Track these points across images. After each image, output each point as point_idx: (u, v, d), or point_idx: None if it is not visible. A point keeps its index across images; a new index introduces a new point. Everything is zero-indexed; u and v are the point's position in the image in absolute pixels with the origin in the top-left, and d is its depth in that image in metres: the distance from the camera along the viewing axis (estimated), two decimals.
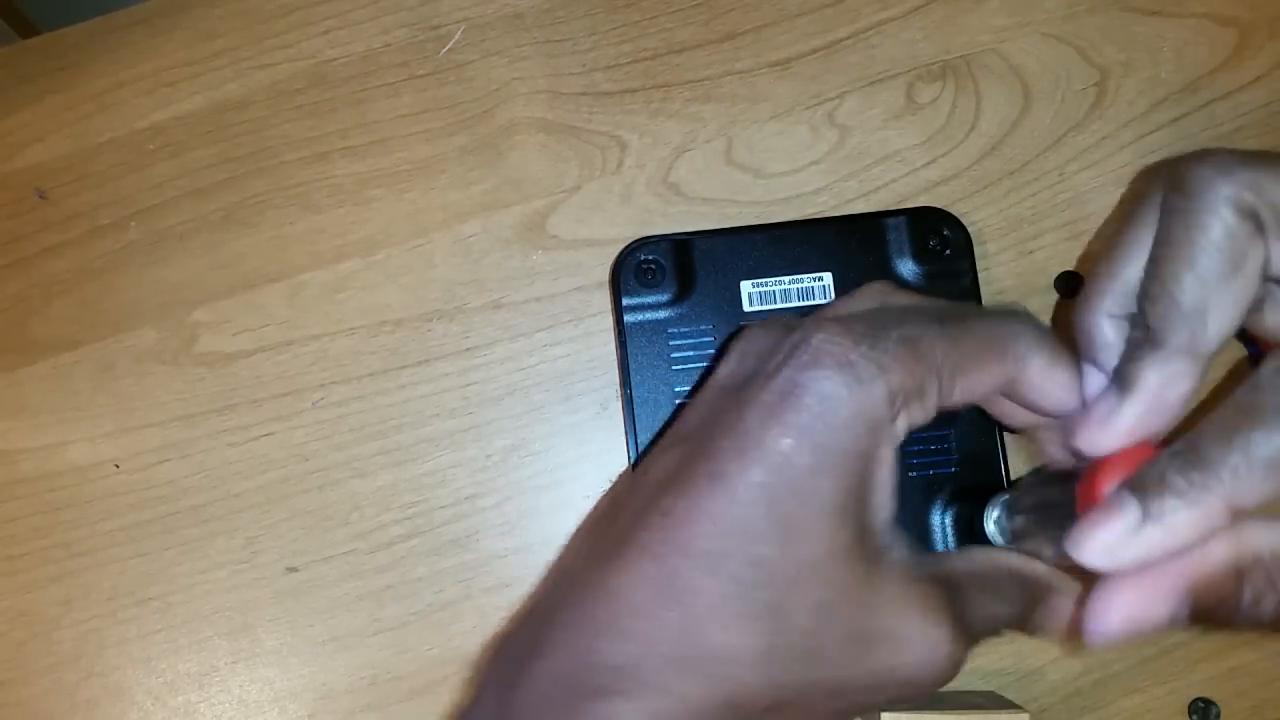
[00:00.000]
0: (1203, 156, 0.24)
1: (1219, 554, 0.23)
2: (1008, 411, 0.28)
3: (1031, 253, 0.39)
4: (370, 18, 0.41)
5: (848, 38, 0.40)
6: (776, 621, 0.23)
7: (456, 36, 0.41)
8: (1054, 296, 0.39)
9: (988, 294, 0.38)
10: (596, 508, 0.27)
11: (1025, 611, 0.27)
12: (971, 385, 0.25)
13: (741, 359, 0.26)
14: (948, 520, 0.36)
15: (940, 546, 0.36)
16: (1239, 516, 0.22)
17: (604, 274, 0.39)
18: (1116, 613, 0.23)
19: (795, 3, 0.41)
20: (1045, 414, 0.27)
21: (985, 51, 0.40)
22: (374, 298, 0.39)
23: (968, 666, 0.37)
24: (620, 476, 0.38)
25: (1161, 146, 0.40)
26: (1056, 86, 0.40)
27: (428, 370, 0.39)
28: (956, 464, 0.36)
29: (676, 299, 0.37)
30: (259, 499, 0.38)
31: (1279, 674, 0.37)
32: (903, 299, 0.28)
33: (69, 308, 0.40)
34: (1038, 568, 0.27)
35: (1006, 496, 0.30)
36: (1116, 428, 0.24)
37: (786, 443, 0.23)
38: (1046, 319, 0.39)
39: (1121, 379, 0.25)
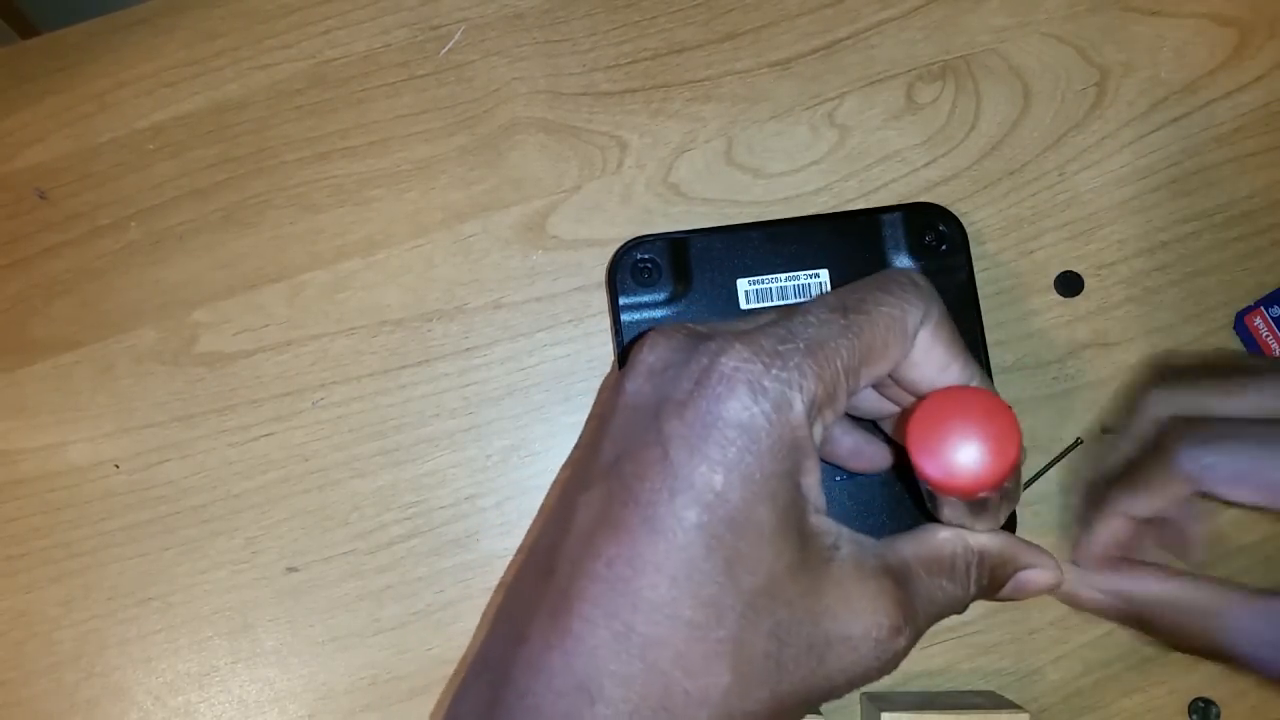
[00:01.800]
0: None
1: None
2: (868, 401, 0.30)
3: (1032, 253, 0.39)
4: (370, 18, 0.41)
5: (848, 38, 0.40)
6: (737, 655, 0.23)
7: (456, 36, 0.41)
8: (1054, 296, 0.39)
9: (987, 294, 0.38)
10: (527, 551, 0.26)
11: (987, 584, 0.27)
12: (876, 372, 0.25)
13: (649, 375, 0.25)
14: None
15: None
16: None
17: (604, 274, 0.39)
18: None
19: (795, 3, 0.41)
20: (912, 389, 0.27)
21: (985, 51, 0.40)
22: (374, 298, 0.39)
23: (967, 666, 0.37)
24: (543, 508, 0.38)
25: (1161, 146, 0.40)
26: (1056, 86, 0.40)
27: (428, 370, 0.39)
28: None
29: (673, 298, 0.37)
30: (259, 499, 0.38)
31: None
32: None
33: (69, 308, 0.40)
34: (994, 541, 0.27)
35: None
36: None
37: (718, 480, 0.23)
38: (1047, 319, 0.39)
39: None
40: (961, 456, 0.23)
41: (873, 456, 0.32)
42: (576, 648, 0.23)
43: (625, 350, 0.27)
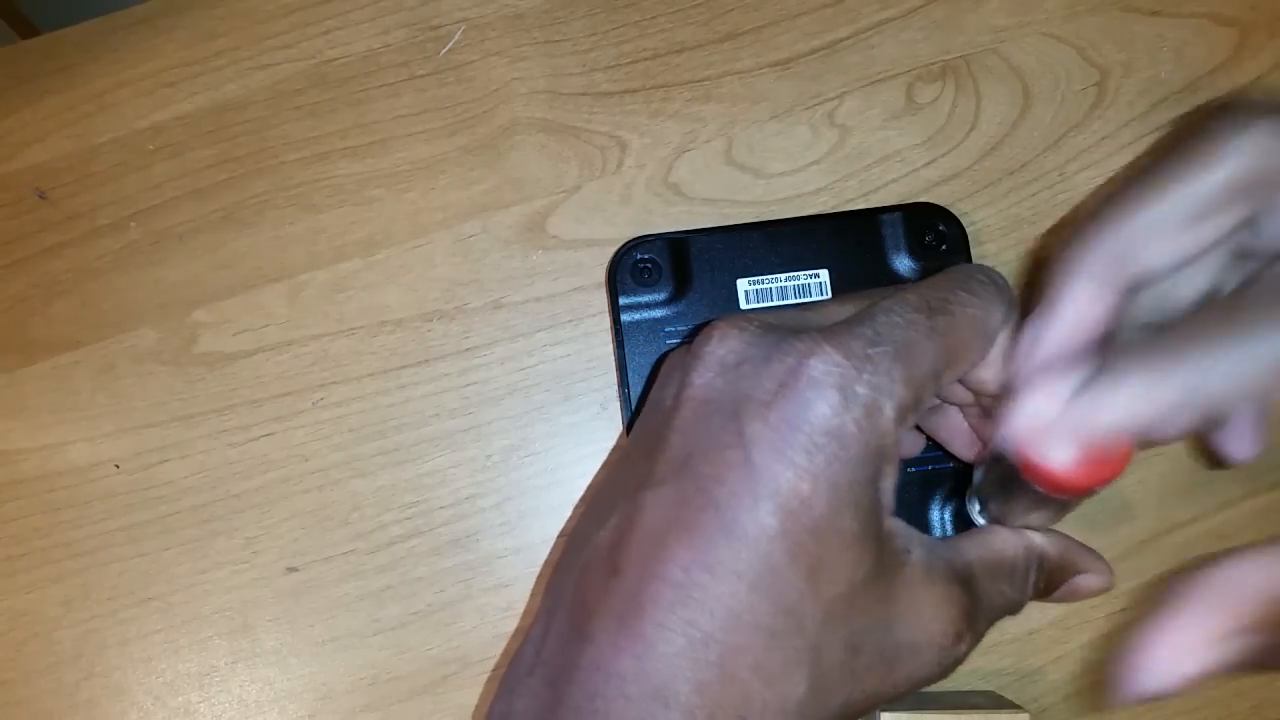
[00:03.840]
0: (1242, 106, 0.23)
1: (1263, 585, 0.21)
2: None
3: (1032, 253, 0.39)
4: (370, 18, 0.41)
5: (848, 38, 0.40)
6: (815, 664, 0.22)
7: (456, 36, 0.41)
8: None
9: None
10: (587, 541, 0.25)
11: (1042, 588, 0.27)
12: (956, 374, 0.25)
13: (722, 369, 0.24)
14: (947, 515, 0.36)
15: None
16: (1198, 408, 0.21)
17: (604, 274, 0.39)
18: (1163, 659, 0.21)
19: (795, 3, 0.41)
20: (983, 390, 0.26)
21: (985, 51, 0.40)
22: (374, 298, 0.39)
23: (967, 666, 0.37)
24: (591, 490, 0.37)
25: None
26: (1056, 86, 0.40)
27: (428, 370, 0.39)
28: (953, 458, 0.36)
29: (673, 298, 0.37)
30: (259, 499, 0.38)
31: (1279, 674, 0.37)
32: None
33: (69, 308, 0.40)
34: (1053, 544, 0.27)
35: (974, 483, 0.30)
36: (1041, 349, 0.24)
37: (805, 487, 0.22)
38: None
39: (1095, 375, 0.23)
40: (1089, 453, 0.23)
41: (909, 444, 0.32)
42: (649, 653, 0.22)
43: (689, 338, 0.26)
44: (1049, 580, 0.27)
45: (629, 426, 0.37)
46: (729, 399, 0.23)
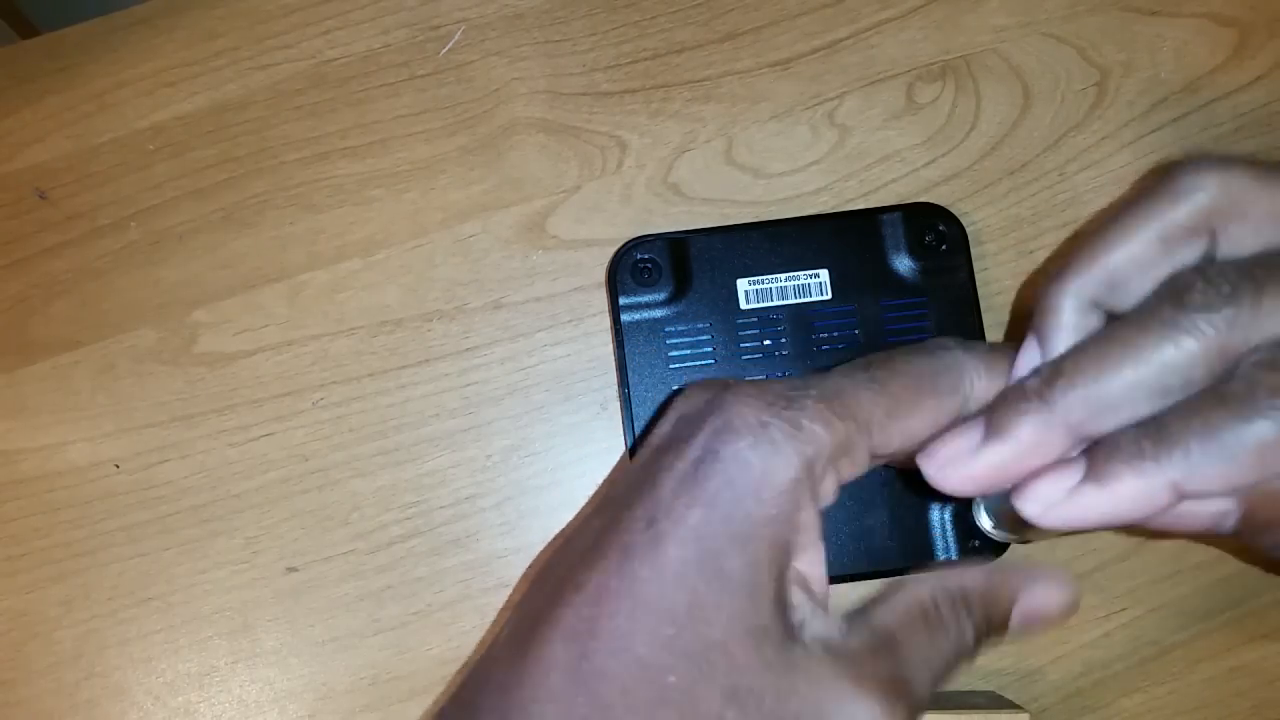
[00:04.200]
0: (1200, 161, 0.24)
1: None
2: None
3: (1032, 252, 0.39)
4: (370, 18, 0.41)
5: (848, 38, 0.40)
6: (688, 708, 0.21)
7: (456, 36, 0.41)
8: None
9: (987, 294, 0.38)
10: (537, 569, 0.26)
11: (986, 624, 0.25)
12: (910, 429, 0.24)
13: (677, 421, 0.25)
14: (947, 515, 0.36)
15: (940, 544, 0.36)
16: (1185, 499, 0.22)
17: (604, 274, 0.39)
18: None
19: (795, 3, 0.41)
20: None
21: (985, 51, 0.40)
22: (374, 298, 0.39)
23: (967, 666, 0.37)
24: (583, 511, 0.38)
25: (1161, 146, 0.40)
26: (1056, 86, 0.40)
27: (428, 370, 0.39)
28: None
29: (673, 298, 0.37)
30: (259, 499, 0.38)
31: (1279, 674, 0.37)
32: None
33: (69, 308, 0.40)
34: (974, 574, 0.25)
35: None
36: (968, 470, 0.24)
37: (695, 514, 0.22)
38: None
39: (994, 422, 0.24)
40: None
41: None
42: (532, 670, 0.22)
43: (664, 405, 0.27)
44: (989, 613, 0.25)
45: (630, 426, 0.37)
46: (668, 443, 0.24)
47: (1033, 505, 0.23)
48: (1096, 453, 0.23)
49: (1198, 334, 0.22)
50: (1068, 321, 0.24)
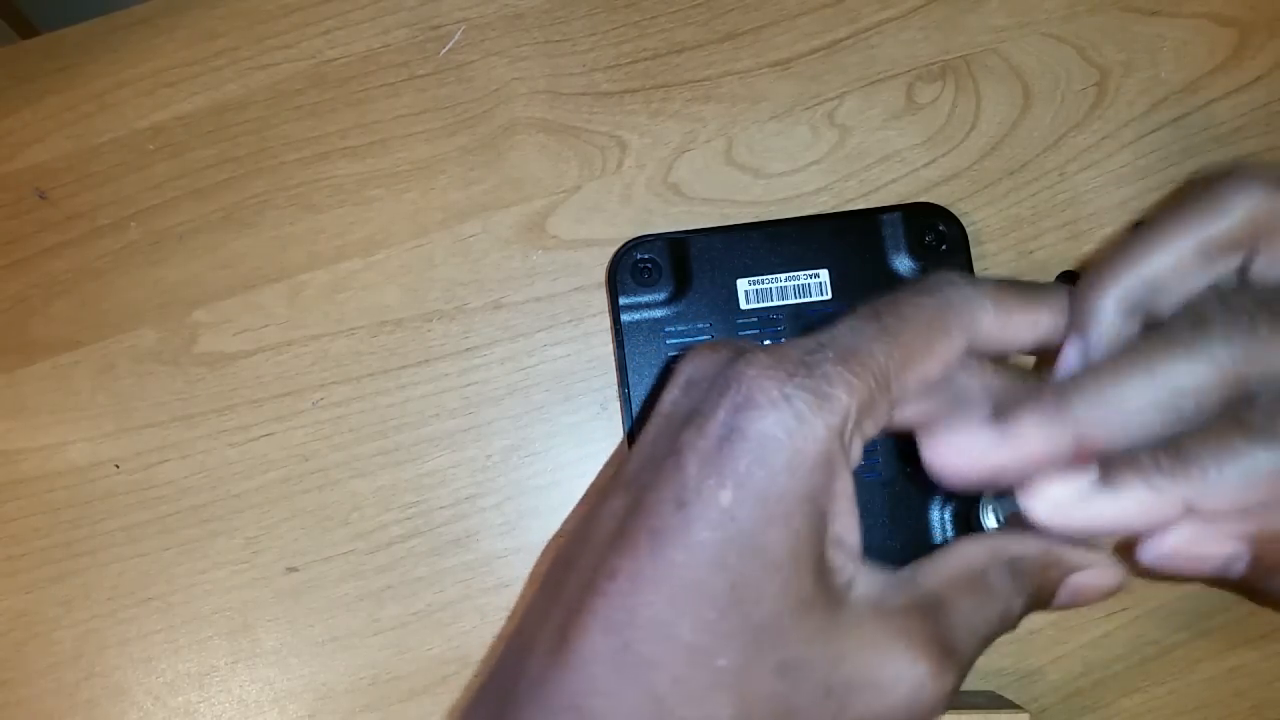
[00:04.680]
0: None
1: None
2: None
3: (1032, 252, 0.39)
4: (370, 18, 0.41)
5: (848, 38, 0.40)
6: (742, 688, 0.21)
7: (456, 36, 0.41)
8: None
9: None
10: (555, 552, 0.25)
11: (1036, 595, 0.25)
12: (924, 373, 0.24)
13: (685, 387, 0.24)
14: (947, 515, 0.36)
15: (940, 542, 0.36)
16: (1194, 515, 0.22)
17: (604, 274, 0.39)
18: (1174, 539, 0.22)
19: (795, 3, 0.41)
20: (1027, 351, 0.26)
21: (985, 51, 0.40)
22: (374, 298, 0.39)
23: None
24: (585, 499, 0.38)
25: (1161, 146, 0.40)
26: (1056, 86, 0.40)
27: (428, 370, 0.39)
28: None
29: (673, 298, 0.37)
30: (259, 499, 0.38)
31: (1279, 674, 0.37)
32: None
33: (69, 308, 0.40)
34: (1030, 543, 0.25)
35: None
36: (968, 461, 0.23)
37: (726, 495, 0.21)
38: None
39: (1003, 418, 0.23)
40: None
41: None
42: (574, 663, 0.21)
43: (668, 368, 0.26)
44: (1040, 584, 0.25)
45: (630, 432, 0.37)
46: (682, 413, 0.24)
47: (1041, 505, 0.23)
48: (1110, 463, 0.23)
49: (1214, 361, 0.22)
50: (1109, 325, 0.24)
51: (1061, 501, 0.23)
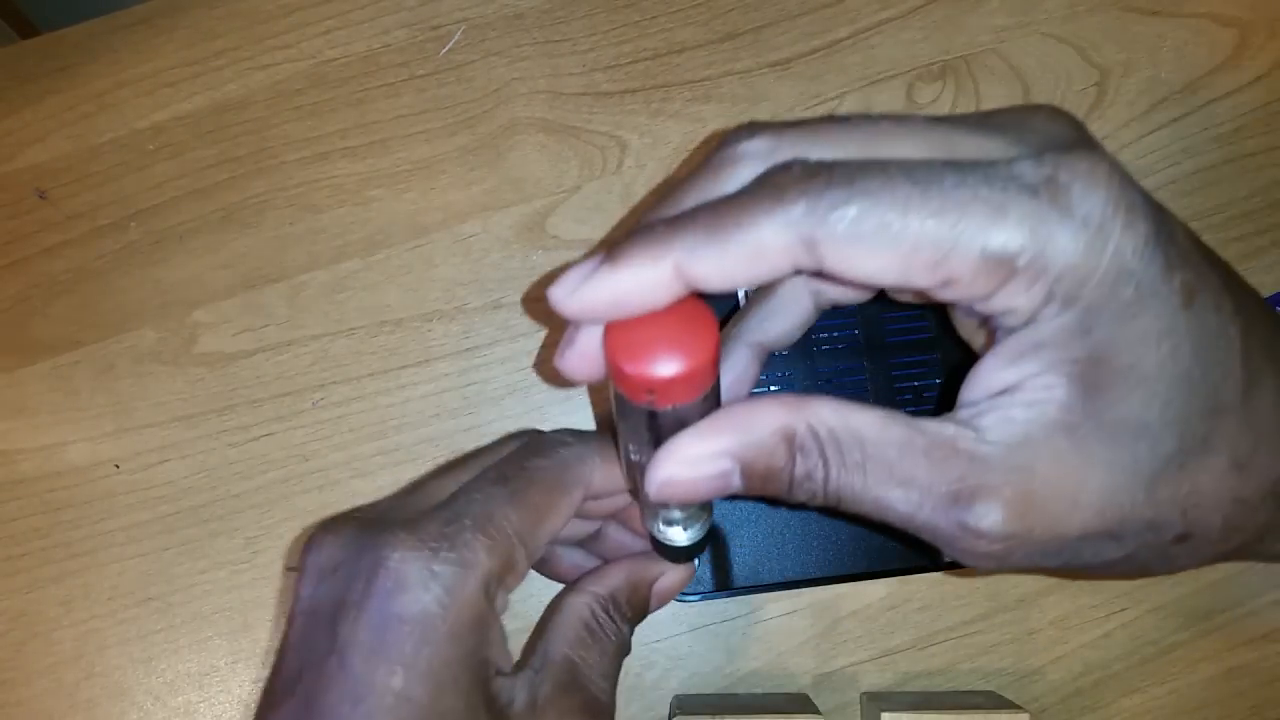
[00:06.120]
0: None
1: (770, 423, 0.22)
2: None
3: None
4: (370, 18, 0.41)
5: (848, 38, 0.40)
6: None
7: (456, 36, 0.41)
8: None
9: None
10: None
11: (635, 613, 0.28)
12: (552, 528, 0.26)
13: (321, 577, 0.25)
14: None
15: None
16: (691, 287, 0.21)
17: None
18: (665, 469, 0.22)
19: (795, 3, 0.41)
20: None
21: (985, 51, 0.40)
22: (374, 298, 0.39)
23: (967, 666, 0.37)
24: None
25: (1161, 146, 0.40)
26: (1056, 86, 0.40)
27: (428, 370, 0.39)
28: None
29: None
30: (259, 499, 0.38)
31: (1279, 674, 0.37)
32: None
33: (69, 308, 0.40)
34: (615, 574, 0.28)
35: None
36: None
37: (398, 680, 0.23)
38: None
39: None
40: (661, 344, 0.21)
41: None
42: None
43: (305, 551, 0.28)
44: (634, 605, 0.28)
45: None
46: (328, 606, 0.24)
47: (559, 294, 0.22)
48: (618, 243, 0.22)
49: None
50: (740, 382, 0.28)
51: (571, 283, 0.21)
